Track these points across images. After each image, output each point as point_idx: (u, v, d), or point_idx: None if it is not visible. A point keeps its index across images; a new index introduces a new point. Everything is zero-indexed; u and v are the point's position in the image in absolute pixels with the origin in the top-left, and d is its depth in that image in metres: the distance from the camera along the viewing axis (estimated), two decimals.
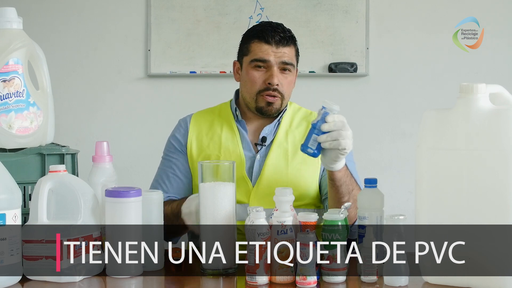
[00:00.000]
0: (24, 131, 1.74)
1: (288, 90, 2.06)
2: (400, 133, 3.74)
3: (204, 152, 2.06)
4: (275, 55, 2.01)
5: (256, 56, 2.02)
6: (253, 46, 2.04)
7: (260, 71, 2.02)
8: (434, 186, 1.49)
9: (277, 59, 2.01)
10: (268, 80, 2.00)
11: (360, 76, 3.71)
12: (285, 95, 2.04)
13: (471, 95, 1.45)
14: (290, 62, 2.03)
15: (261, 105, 2.03)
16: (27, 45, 1.75)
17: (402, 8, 3.74)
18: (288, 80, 2.05)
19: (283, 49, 2.02)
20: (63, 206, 1.56)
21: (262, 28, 2.05)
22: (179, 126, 2.15)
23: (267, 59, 2.01)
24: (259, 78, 2.02)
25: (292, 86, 2.09)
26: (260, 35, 2.03)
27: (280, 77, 2.02)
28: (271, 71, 2.00)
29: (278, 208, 1.53)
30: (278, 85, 2.01)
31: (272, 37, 2.01)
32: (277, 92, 2.02)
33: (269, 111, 2.04)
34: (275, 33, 2.01)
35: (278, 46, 2.01)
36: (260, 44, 2.02)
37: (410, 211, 1.59)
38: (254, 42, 2.04)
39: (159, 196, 1.65)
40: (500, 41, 3.67)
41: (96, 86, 3.76)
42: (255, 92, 2.03)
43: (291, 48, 2.05)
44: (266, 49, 2.01)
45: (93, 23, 3.74)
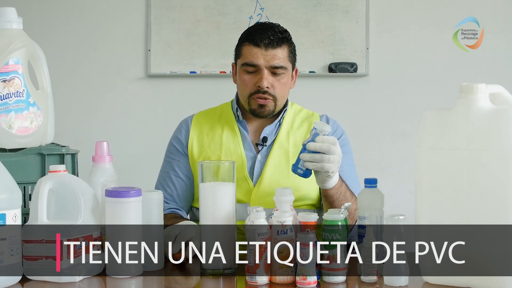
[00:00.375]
0: (24, 131, 1.74)
1: (281, 91, 2.04)
2: (400, 133, 3.74)
3: (205, 152, 2.06)
4: (264, 58, 1.99)
5: (246, 59, 2.02)
6: (244, 49, 2.04)
7: (250, 74, 2.02)
8: (434, 186, 1.49)
9: (266, 63, 1.99)
10: (258, 83, 2.00)
11: (360, 76, 3.71)
12: (278, 97, 2.03)
13: (471, 95, 1.45)
14: (280, 65, 2.00)
15: (254, 107, 2.04)
16: (27, 45, 1.75)
17: (402, 8, 3.74)
18: (282, 83, 2.03)
19: (273, 52, 2.00)
20: (63, 206, 1.56)
21: (251, 30, 2.05)
22: (180, 127, 2.15)
23: (256, 63, 2.00)
24: (250, 81, 2.02)
25: (288, 86, 2.08)
26: (250, 37, 2.02)
27: (271, 80, 2.00)
28: (261, 74, 2.00)
29: (278, 208, 1.53)
30: (268, 88, 2.00)
31: (261, 40, 1.99)
32: (267, 94, 2.01)
33: (261, 113, 2.04)
34: (264, 36, 1.99)
35: (268, 48, 1.99)
36: (250, 47, 2.02)
37: (410, 211, 1.59)
38: (245, 45, 2.04)
39: (159, 196, 1.65)
40: (500, 41, 3.67)
41: (96, 86, 3.76)
42: (247, 95, 2.03)
43: (283, 49, 2.02)
44: (256, 53, 2.00)
45: (93, 23, 3.74)
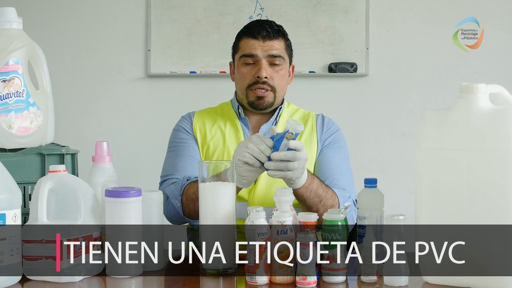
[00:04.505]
0: (24, 131, 1.74)
1: (280, 83, 2.06)
2: (400, 133, 3.74)
3: (207, 145, 2.07)
4: (262, 48, 2.03)
5: (244, 51, 2.06)
6: (242, 43, 2.08)
7: (249, 66, 2.05)
8: (434, 186, 1.49)
9: (264, 53, 2.03)
10: (257, 73, 2.03)
11: (360, 76, 3.71)
12: (277, 88, 2.06)
13: (471, 95, 1.45)
14: (278, 55, 2.04)
15: (252, 100, 2.06)
16: (27, 45, 1.75)
17: (402, 8, 3.74)
18: (280, 74, 2.06)
19: (271, 43, 2.04)
20: (63, 206, 1.56)
21: (249, 25, 2.09)
22: (182, 119, 2.16)
23: (254, 53, 2.04)
24: (248, 73, 2.05)
25: (286, 80, 2.10)
26: (247, 31, 2.07)
27: (269, 70, 2.03)
28: (259, 65, 2.03)
29: (278, 208, 1.53)
30: (267, 78, 2.03)
31: (259, 32, 2.04)
32: (266, 85, 2.03)
33: (260, 104, 2.05)
34: (262, 28, 2.05)
35: (265, 40, 2.04)
36: (248, 40, 2.06)
37: (410, 211, 1.59)
38: (243, 39, 2.08)
39: (159, 196, 1.65)
40: (500, 41, 3.67)
41: (96, 86, 3.76)
42: (245, 87, 2.05)
43: (280, 41, 2.07)
44: (253, 44, 2.05)
45: (93, 23, 3.74)
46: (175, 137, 2.13)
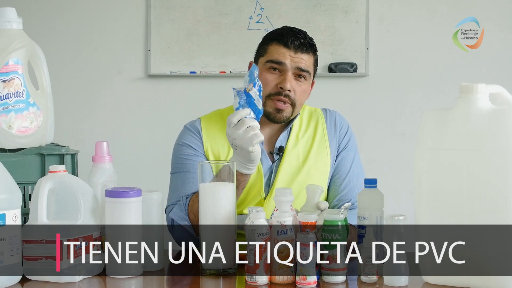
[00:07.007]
0: (24, 131, 1.74)
1: (300, 98, 1.95)
2: (400, 133, 3.74)
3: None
4: (291, 59, 1.91)
5: (272, 57, 1.93)
6: (271, 47, 1.95)
7: (274, 74, 1.92)
8: (434, 186, 1.48)
9: (293, 64, 1.91)
10: (281, 84, 1.90)
11: (360, 76, 3.72)
12: (297, 103, 1.94)
13: (471, 95, 1.45)
14: (307, 70, 1.93)
15: (269, 111, 1.92)
16: (27, 45, 1.75)
17: (402, 8, 3.75)
18: (302, 89, 1.94)
19: (302, 55, 1.92)
20: (63, 206, 1.56)
21: (282, 31, 1.96)
22: (187, 133, 2.00)
23: (283, 61, 1.91)
24: (272, 81, 1.92)
25: (306, 96, 1.99)
26: (280, 37, 1.93)
27: (293, 83, 1.92)
28: (285, 76, 1.91)
29: (278, 208, 1.53)
30: (290, 91, 1.91)
31: (292, 42, 1.91)
32: (288, 98, 1.91)
33: (277, 118, 1.94)
34: (296, 38, 1.92)
35: (297, 51, 1.92)
36: (279, 46, 1.93)
37: (410, 211, 1.59)
38: (273, 44, 1.94)
39: (159, 196, 1.65)
40: (500, 41, 3.67)
41: (96, 86, 3.76)
42: (265, 95, 1.91)
43: (310, 56, 1.95)
44: (284, 52, 1.92)
45: (93, 23, 3.74)
46: (179, 153, 1.98)
